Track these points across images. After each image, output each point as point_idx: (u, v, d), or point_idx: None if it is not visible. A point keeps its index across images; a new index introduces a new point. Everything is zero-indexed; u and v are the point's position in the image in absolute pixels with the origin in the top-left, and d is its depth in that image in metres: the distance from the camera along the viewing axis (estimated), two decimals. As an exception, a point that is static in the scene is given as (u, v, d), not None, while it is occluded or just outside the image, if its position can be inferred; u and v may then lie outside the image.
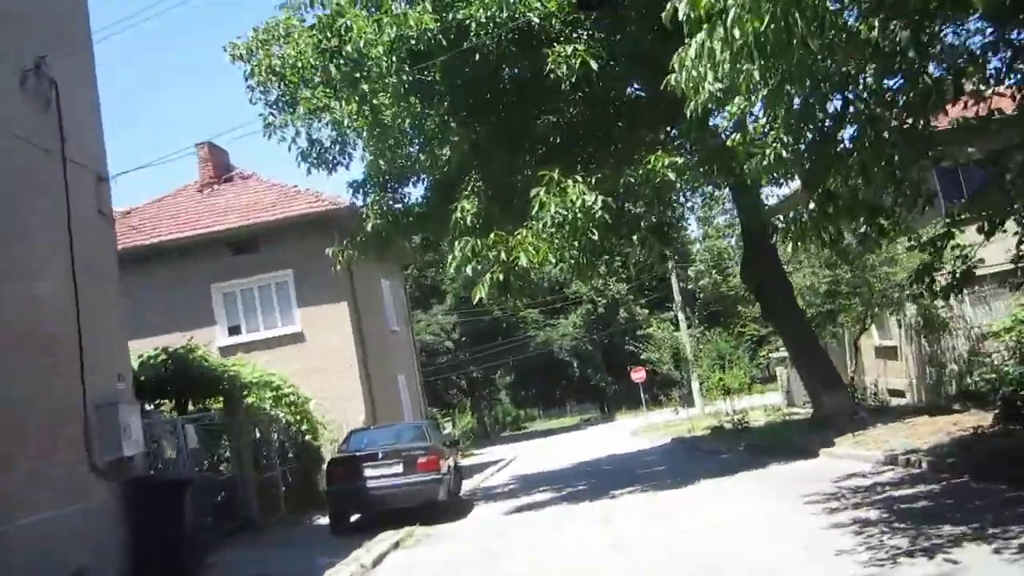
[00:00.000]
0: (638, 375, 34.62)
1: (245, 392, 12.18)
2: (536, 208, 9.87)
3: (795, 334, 14.18)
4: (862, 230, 7.22)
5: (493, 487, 17.67)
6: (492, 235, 10.26)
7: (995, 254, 21.29)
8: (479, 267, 10.07)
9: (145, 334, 16.37)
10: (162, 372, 11.81)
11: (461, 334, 43.51)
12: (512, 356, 43.88)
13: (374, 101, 10.99)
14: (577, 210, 9.53)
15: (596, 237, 9.90)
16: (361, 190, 13.91)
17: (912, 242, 19.92)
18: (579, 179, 9.83)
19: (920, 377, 21.44)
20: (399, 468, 11.78)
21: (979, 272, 21.40)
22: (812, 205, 6.90)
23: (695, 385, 36.20)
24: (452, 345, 43.14)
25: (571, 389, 59.73)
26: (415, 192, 24.51)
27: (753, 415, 22.02)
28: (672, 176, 10.08)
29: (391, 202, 13.82)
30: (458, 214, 10.75)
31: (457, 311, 43.37)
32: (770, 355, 33.15)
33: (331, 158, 12.94)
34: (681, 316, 37.57)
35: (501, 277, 10.22)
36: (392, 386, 24.39)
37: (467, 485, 19.01)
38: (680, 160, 10.12)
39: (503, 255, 10.01)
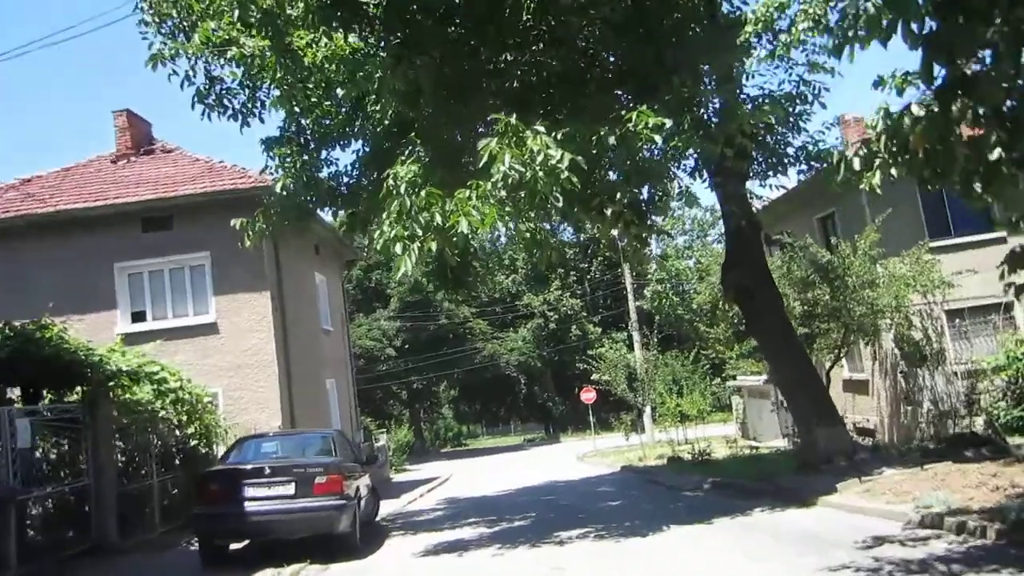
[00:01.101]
0: (588, 396, 32.71)
1: (114, 383, 9.72)
2: (485, 160, 7.66)
3: (782, 352, 12.03)
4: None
5: (418, 512, 15.37)
6: (425, 192, 8.01)
7: (976, 287, 20.06)
8: (411, 244, 7.86)
9: (33, 314, 13.78)
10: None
11: (404, 341, 41.04)
12: (456, 368, 41.55)
13: (283, 20, 8.77)
14: (538, 168, 7.41)
15: (560, 204, 7.71)
16: (275, 149, 11.33)
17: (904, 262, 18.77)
18: (542, 130, 7.69)
19: (892, 416, 19.85)
20: (290, 488, 9.22)
21: (959, 306, 20.29)
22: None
23: (646, 411, 34.38)
24: (394, 352, 40.63)
25: (516, 407, 57.52)
26: (344, 158, 22.05)
27: (704, 447, 20.18)
28: (657, 140, 8.01)
29: (312, 169, 11.32)
30: (391, 182, 8.46)
31: (401, 317, 40.94)
32: (727, 382, 31.53)
33: (239, 106, 10.60)
34: (636, 336, 35.75)
35: (433, 247, 7.98)
36: (318, 391, 21.92)
37: (390, 507, 16.67)
38: (668, 122, 8.05)
39: (438, 218, 7.81)
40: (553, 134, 7.90)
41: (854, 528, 8.69)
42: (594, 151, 8.20)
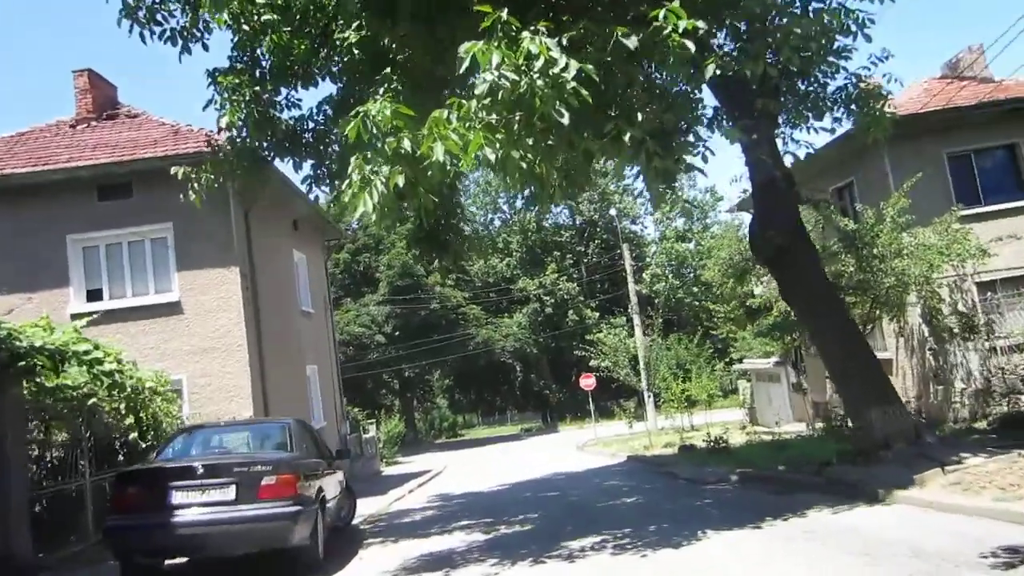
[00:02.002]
0: (588, 382, 31.04)
1: (25, 362, 8.01)
2: (467, 65, 5.84)
3: (827, 323, 10.16)
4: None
5: (403, 513, 13.64)
6: (390, 112, 6.20)
7: (1009, 257, 18.44)
8: (373, 177, 6.08)
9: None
10: None
11: (394, 328, 39.25)
12: (450, 355, 39.80)
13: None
14: (535, 76, 5.66)
15: (565, 123, 5.92)
16: (221, 79, 9.28)
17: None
18: (542, 29, 5.91)
19: (920, 396, 18.25)
20: (229, 492, 7.29)
21: (989, 277, 18.72)
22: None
23: (647, 397, 32.84)
24: (383, 339, 38.86)
25: (512, 395, 55.90)
26: (309, 100, 19.89)
27: (720, 433, 18.53)
28: (690, 47, 6.23)
29: (267, 106, 9.35)
30: (361, 125, 6.57)
31: (391, 302, 39.17)
32: (733, 366, 29.94)
33: (177, 27, 8.81)
34: (636, 320, 34.14)
35: (400, 181, 6.22)
36: (297, 378, 20.24)
37: (374, 505, 15.00)
38: (702, 25, 6.24)
39: (406, 144, 6.06)
40: (557, 38, 6.19)
41: (965, 536, 6.69)
42: (608, 59, 6.45)
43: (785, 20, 8.26)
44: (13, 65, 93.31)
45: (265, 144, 9.40)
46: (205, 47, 9.06)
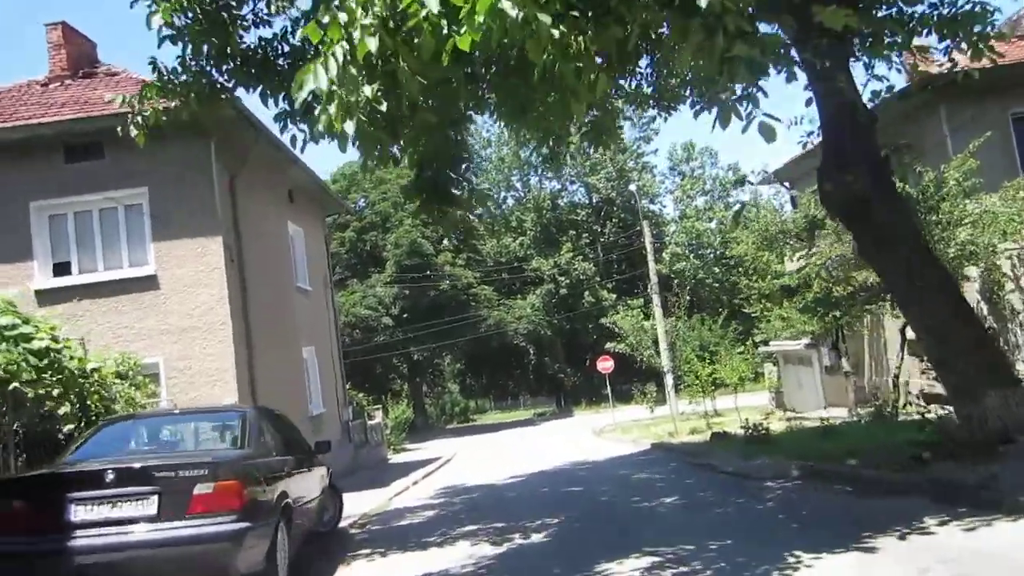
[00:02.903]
0: (605, 365, 29.35)
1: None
2: None
3: (925, 287, 8.21)
4: None
5: (401, 513, 11.89)
6: None
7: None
8: (334, 40, 4.29)
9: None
10: None
11: (402, 309, 37.55)
12: (460, 338, 38.05)
13: None
14: None
15: None
16: None
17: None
18: None
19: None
20: (149, 506, 5.50)
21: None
22: None
23: (668, 380, 31.06)
24: (391, 321, 37.20)
25: (525, 379, 54.22)
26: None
27: (752, 418, 16.73)
28: None
29: (222, 12, 7.28)
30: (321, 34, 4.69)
31: (398, 282, 37.44)
32: (759, 348, 28.04)
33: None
34: (656, 300, 32.29)
35: (373, 47, 4.45)
36: (292, 361, 18.60)
37: (372, 500, 13.36)
38: None
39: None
40: None
41: None
42: None
43: None
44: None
45: (223, 68, 7.58)
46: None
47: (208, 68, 7.59)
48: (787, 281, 18.09)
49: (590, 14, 4.65)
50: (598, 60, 5.37)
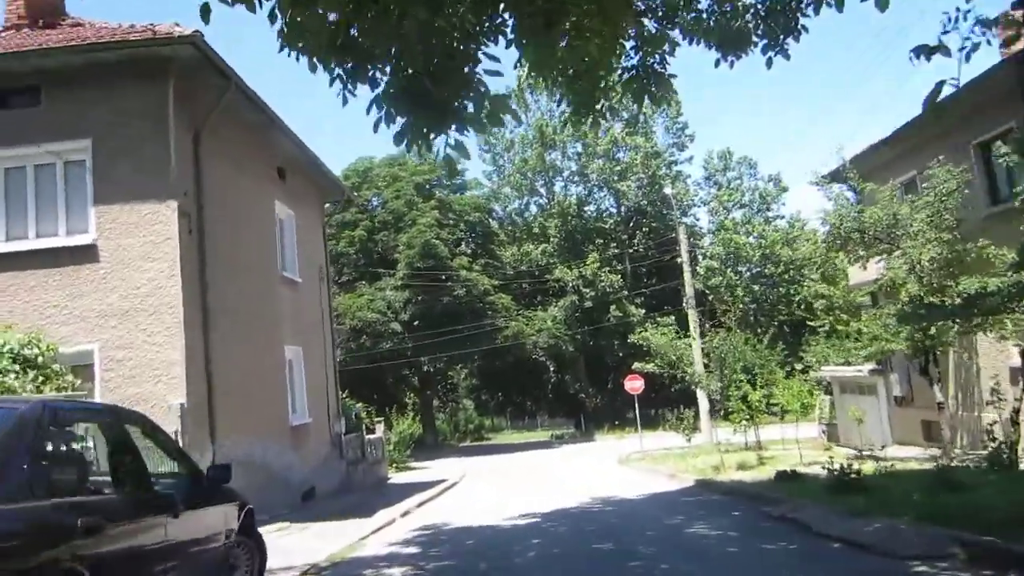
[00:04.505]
0: (634, 385, 26.23)
1: None
2: None
3: None
4: None
5: (368, 561, 8.84)
6: None
7: None
8: None
9: None
10: None
11: (412, 316, 34.63)
12: (474, 347, 34.91)
13: None
14: None
15: None
16: None
17: None
18: None
19: None
20: None
21: None
22: None
23: (703, 405, 27.83)
24: (400, 328, 34.28)
25: (544, 398, 50.93)
26: None
27: (861, 458, 13.44)
28: None
29: None
30: None
31: (409, 287, 34.52)
32: (808, 373, 24.72)
33: None
34: (692, 314, 29.14)
35: None
36: (269, 361, 15.74)
37: (334, 542, 10.29)
38: None
39: None
40: None
41: None
42: None
43: None
44: None
45: None
46: None
47: None
48: (867, 291, 14.91)
49: None
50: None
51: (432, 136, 5.95)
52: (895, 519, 7.79)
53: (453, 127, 5.87)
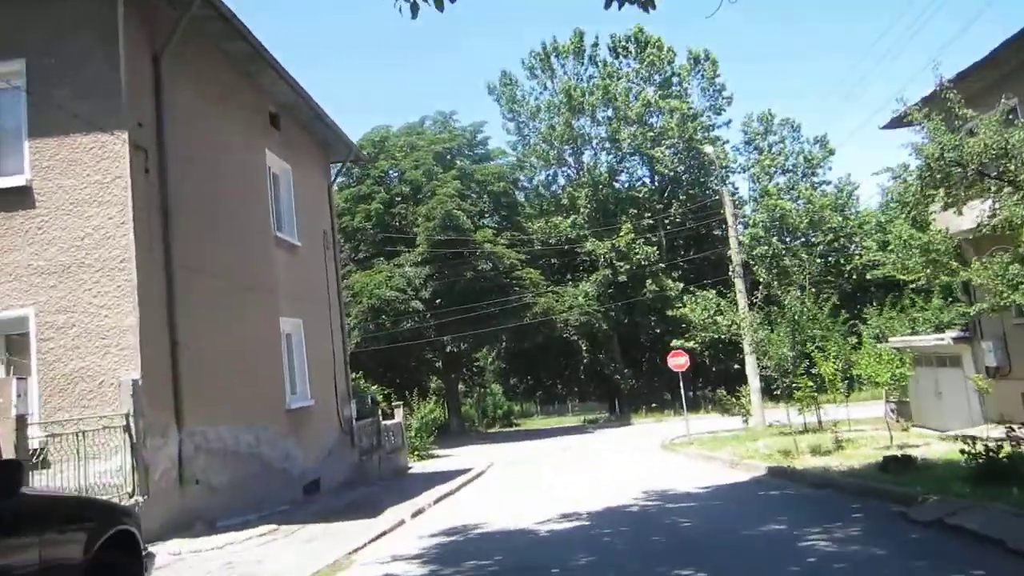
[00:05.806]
0: (678, 362, 23.64)
1: None
2: None
3: None
4: None
5: None
6: None
7: None
8: None
9: None
10: None
11: (434, 293, 32.22)
12: (500, 324, 32.32)
13: None
14: None
15: None
16: None
17: None
18: None
19: None
20: None
21: None
22: None
23: (753, 383, 25.21)
24: (421, 305, 31.91)
25: (576, 379, 48.29)
26: None
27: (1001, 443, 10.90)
28: None
29: None
30: None
31: (429, 262, 32.09)
32: (879, 343, 21.94)
33: None
34: (739, 283, 26.43)
35: None
36: (260, 334, 13.43)
37: (320, 556, 7.90)
38: None
39: None
40: None
41: None
42: None
43: None
44: None
45: None
46: None
47: None
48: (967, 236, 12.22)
49: None
50: None
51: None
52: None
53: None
